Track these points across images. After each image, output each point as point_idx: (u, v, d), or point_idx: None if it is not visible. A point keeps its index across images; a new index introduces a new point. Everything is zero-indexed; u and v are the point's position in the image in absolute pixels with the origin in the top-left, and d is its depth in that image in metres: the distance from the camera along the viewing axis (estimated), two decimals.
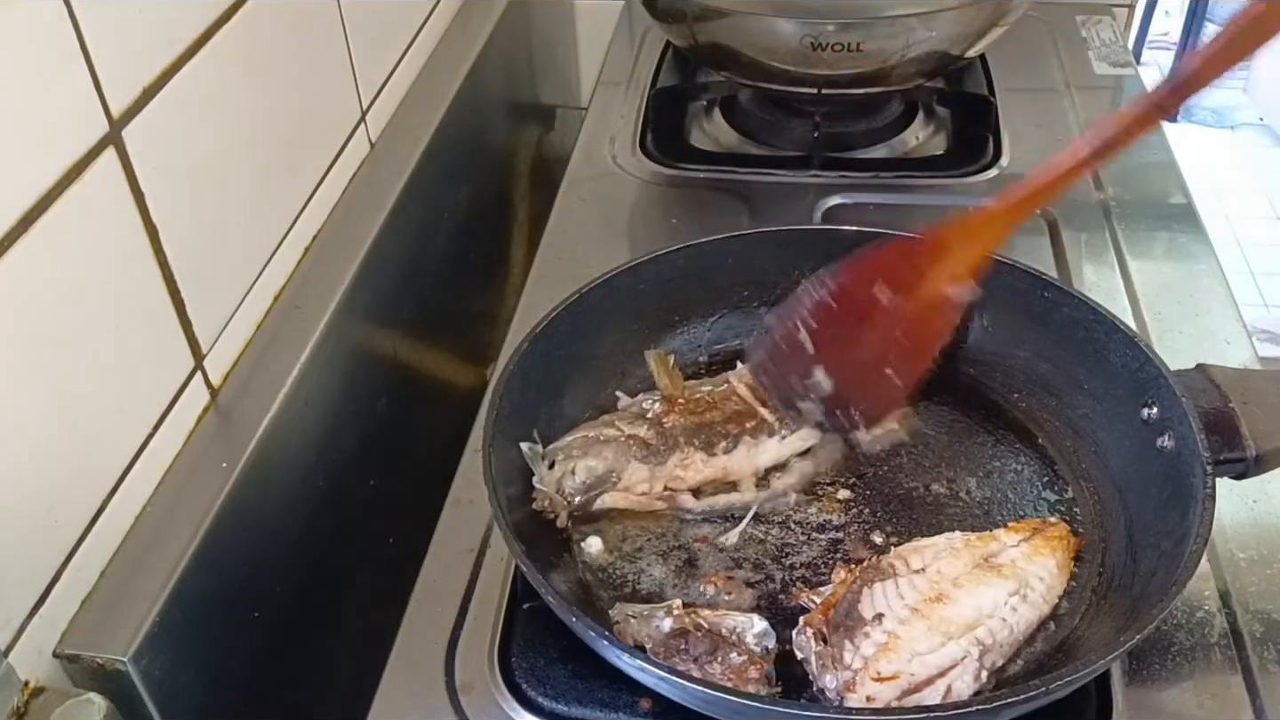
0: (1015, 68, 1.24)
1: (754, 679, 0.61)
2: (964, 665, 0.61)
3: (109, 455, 0.64)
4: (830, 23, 0.99)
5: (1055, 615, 0.66)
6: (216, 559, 0.67)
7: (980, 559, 0.65)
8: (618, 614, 0.64)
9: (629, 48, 1.34)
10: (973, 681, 0.61)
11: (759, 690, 0.60)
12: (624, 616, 0.64)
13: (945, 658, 0.61)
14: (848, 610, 0.63)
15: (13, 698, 0.55)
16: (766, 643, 0.63)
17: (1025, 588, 0.64)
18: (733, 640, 0.62)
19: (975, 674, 0.61)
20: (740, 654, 0.61)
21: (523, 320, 0.91)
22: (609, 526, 0.73)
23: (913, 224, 0.94)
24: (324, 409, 0.82)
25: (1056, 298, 0.78)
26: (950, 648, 0.61)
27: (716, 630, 0.63)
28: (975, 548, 0.66)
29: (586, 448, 0.72)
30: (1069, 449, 0.77)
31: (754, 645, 0.62)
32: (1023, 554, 0.66)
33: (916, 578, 0.64)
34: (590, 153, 1.15)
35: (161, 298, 0.68)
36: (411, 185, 0.96)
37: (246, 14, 0.74)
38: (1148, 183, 1.08)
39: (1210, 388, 0.70)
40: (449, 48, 1.13)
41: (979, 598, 0.63)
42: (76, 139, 0.59)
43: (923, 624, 0.61)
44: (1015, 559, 0.66)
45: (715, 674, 0.61)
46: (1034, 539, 0.67)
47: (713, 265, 0.84)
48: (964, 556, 0.65)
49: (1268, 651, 0.67)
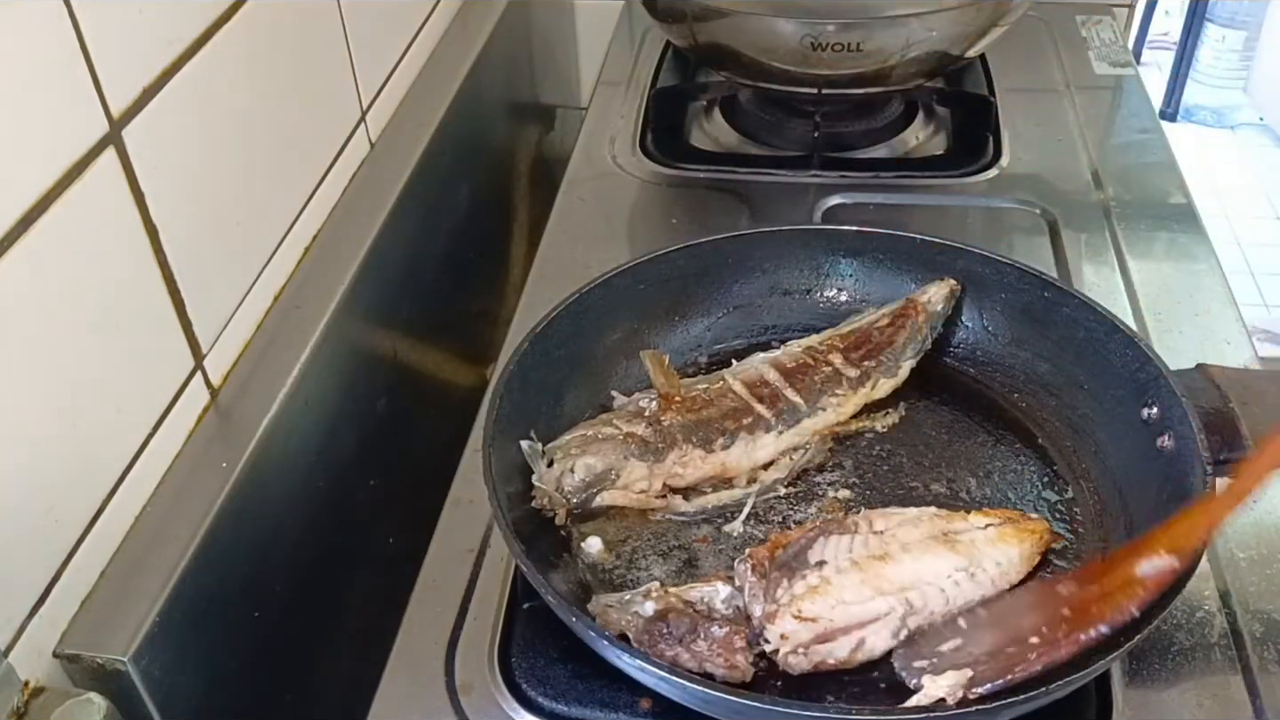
0: (1015, 68, 1.24)
1: (740, 648, 0.61)
2: (884, 622, 0.62)
3: (109, 455, 0.64)
4: (830, 23, 0.99)
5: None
6: (216, 559, 0.67)
7: (940, 532, 0.67)
8: (596, 606, 0.64)
9: (629, 48, 1.34)
10: (889, 638, 0.62)
11: (747, 659, 0.62)
12: (602, 608, 0.64)
13: (868, 611, 0.62)
14: (796, 553, 0.65)
15: (13, 698, 0.55)
16: (736, 603, 0.64)
17: (976, 566, 0.65)
18: (705, 611, 0.63)
19: (895, 631, 0.62)
20: (720, 625, 0.62)
21: (523, 320, 0.91)
22: (608, 525, 0.72)
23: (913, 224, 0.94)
24: (324, 409, 0.82)
25: (1056, 298, 0.78)
26: (877, 603, 0.62)
27: (689, 604, 0.63)
28: (939, 521, 0.68)
29: (585, 446, 0.72)
30: (1069, 449, 0.77)
31: (725, 610, 0.64)
32: (986, 537, 0.67)
33: (872, 538, 0.66)
34: (590, 153, 1.15)
35: (161, 298, 0.68)
36: (411, 185, 0.96)
37: (246, 14, 0.74)
38: (1148, 183, 1.08)
39: (1210, 388, 0.70)
40: (449, 48, 1.13)
41: (922, 564, 0.65)
42: (76, 139, 0.59)
43: (858, 576, 0.63)
44: (976, 540, 0.67)
45: (702, 651, 0.61)
46: (1004, 526, 0.68)
47: (713, 265, 0.84)
48: (925, 527, 0.67)
49: (1268, 651, 0.67)
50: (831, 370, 0.79)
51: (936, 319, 0.83)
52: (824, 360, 0.80)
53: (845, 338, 0.81)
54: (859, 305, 0.86)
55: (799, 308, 0.86)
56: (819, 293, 0.87)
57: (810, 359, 0.80)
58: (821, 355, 0.80)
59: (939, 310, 0.82)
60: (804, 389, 0.78)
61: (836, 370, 0.79)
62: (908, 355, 0.81)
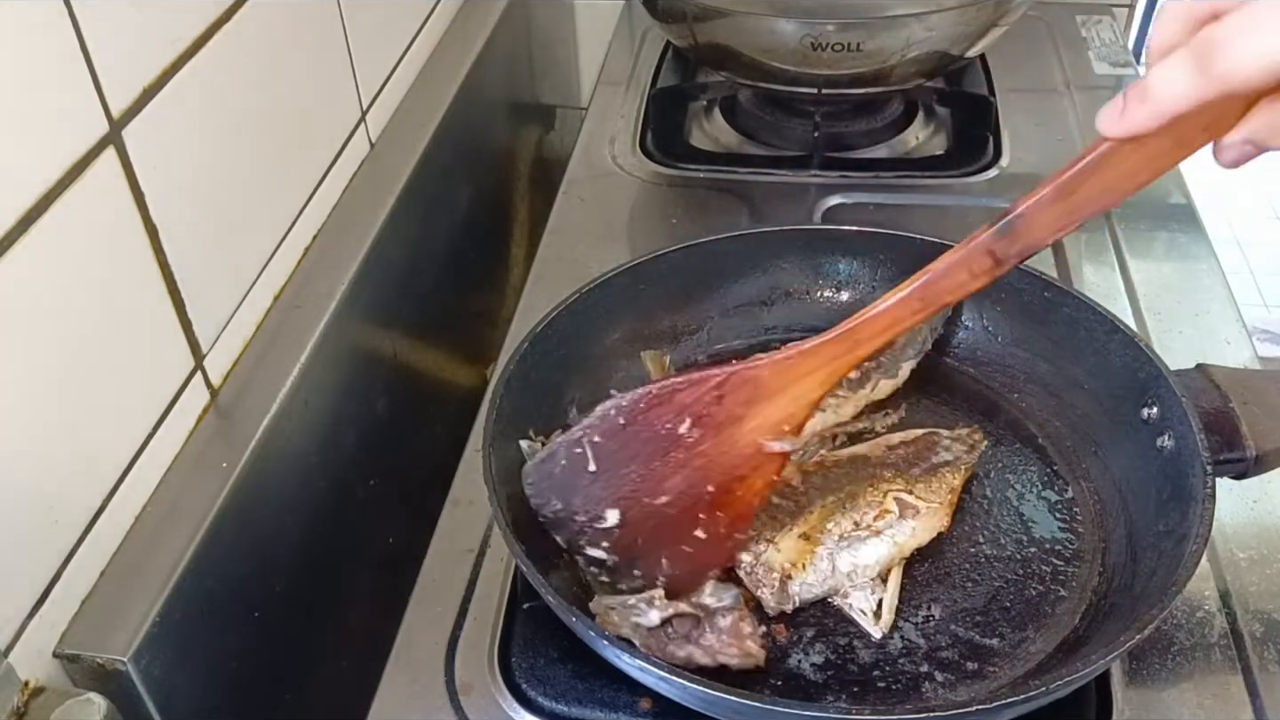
0: (1015, 68, 1.24)
1: (749, 633, 0.62)
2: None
3: (109, 455, 0.64)
4: (830, 23, 0.99)
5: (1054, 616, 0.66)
6: (216, 559, 0.67)
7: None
8: (597, 607, 0.64)
9: (629, 48, 1.34)
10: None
11: (757, 642, 0.62)
12: (604, 609, 0.64)
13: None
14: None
15: (13, 698, 0.55)
16: (731, 592, 0.65)
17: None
18: (705, 607, 0.63)
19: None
20: (725, 614, 0.62)
21: (523, 320, 0.91)
22: None
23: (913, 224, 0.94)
24: (324, 409, 0.82)
25: (1056, 298, 0.78)
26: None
27: (691, 605, 0.64)
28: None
29: None
30: (1069, 449, 0.77)
31: (716, 603, 0.64)
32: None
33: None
34: (590, 153, 1.15)
35: (161, 298, 0.68)
36: (411, 185, 0.96)
37: (246, 14, 0.74)
38: None
39: (1210, 388, 0.70)
40: (449, 48, 1.13)
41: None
42: (76, 139, 0.59)
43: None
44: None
45: (713, 644, 0.61)
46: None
47: (713, 265, 0.84)
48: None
49: (1268, 651, 0.67)
50: None
51: (937, 320, 0.83)
52: None
53: None
54: (859, 305, 0.85)
55: (799, 308, 0.86)
56: (819, 293, 0.87)
57: None
58: None
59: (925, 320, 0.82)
60: None
61: None
62: (908, 355, 0.81)
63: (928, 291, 0.59)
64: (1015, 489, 0.75)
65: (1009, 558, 0.70)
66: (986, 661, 0.64)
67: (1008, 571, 0.69)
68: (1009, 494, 0.74)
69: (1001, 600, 0.68)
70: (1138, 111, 0.47)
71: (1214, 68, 0.43)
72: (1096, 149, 0.51)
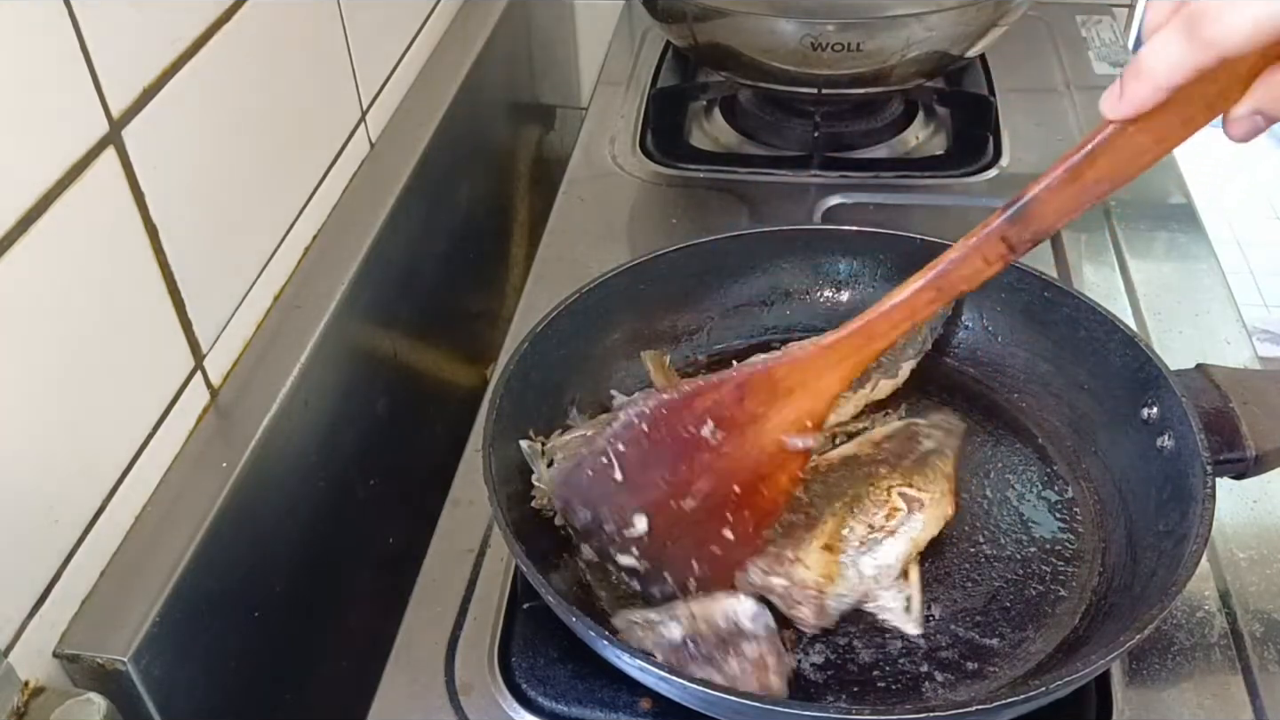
0: (1015, 68, 1.24)
1: (773, 668, 0.61)
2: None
3: (109, 455, 0.64)
4: (830, 23, 0.99)
5: (1054, 616, 0.66)
6: (216, 559, 0.67)
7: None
8: (621, 622, 0.63)
9: (629, 48, 1.34)
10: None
11: (781, 680, 0.61)
12: (628, 624, 0.63)
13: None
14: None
15: (13, 698, 0.55)
16: (765, 620, 0.63)
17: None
18: (733, 628, 0.62)
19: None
20: (751, 642, 0.61)
21: (523, 320, 0.91)
22: None
23: (913, 224, 0.94)
24: (324, 409, 0.82)
25: (1056, 298, 0.78)
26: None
27: (714, 622, 0.63)
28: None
29: (586, 446, 0.72)
30: (1069, 449, 0.77)
31: (751, 627, 0.63)
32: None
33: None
34: (590, 153, 1.15)
35: (161, 298, 0.68)
36: (411, 185, 0.96)
37: (246, 14, 0.74)
38: (1148, 183, 1.08)
39: (1210, 388, 0.70)
40: (449, 48, 1.13)
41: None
42: (76, 139, 0.59)
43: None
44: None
45: (735, 672, 0.60)
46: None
47: (713, 265, 0.84)
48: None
49: (1268, 651, 0.67)
50: None
51: (936, 320, 0.83)
52: None
53: None
54: (859, 305, 0.85)
55: (799, 308, 0.86)
56: (819, 293, 0.87)
57: None
58: None
59: (939, 310, 0.82)
60: None
61: None
62: (908, 356, 0.81)
63: (944, 280, 0.60)
64: (1015, 489, 0.75)
65: (1009, 558, 0.70)
66: (986, 661, 0.64)
67: (1008, 571, 0.69)
68: (1009, 494, 0.74)
69: (1001, 600, 0.68)
70: (1136, 89, 0.47)
71: (1203, 33, 0.43)
72: (1103, 131, 0.52)
